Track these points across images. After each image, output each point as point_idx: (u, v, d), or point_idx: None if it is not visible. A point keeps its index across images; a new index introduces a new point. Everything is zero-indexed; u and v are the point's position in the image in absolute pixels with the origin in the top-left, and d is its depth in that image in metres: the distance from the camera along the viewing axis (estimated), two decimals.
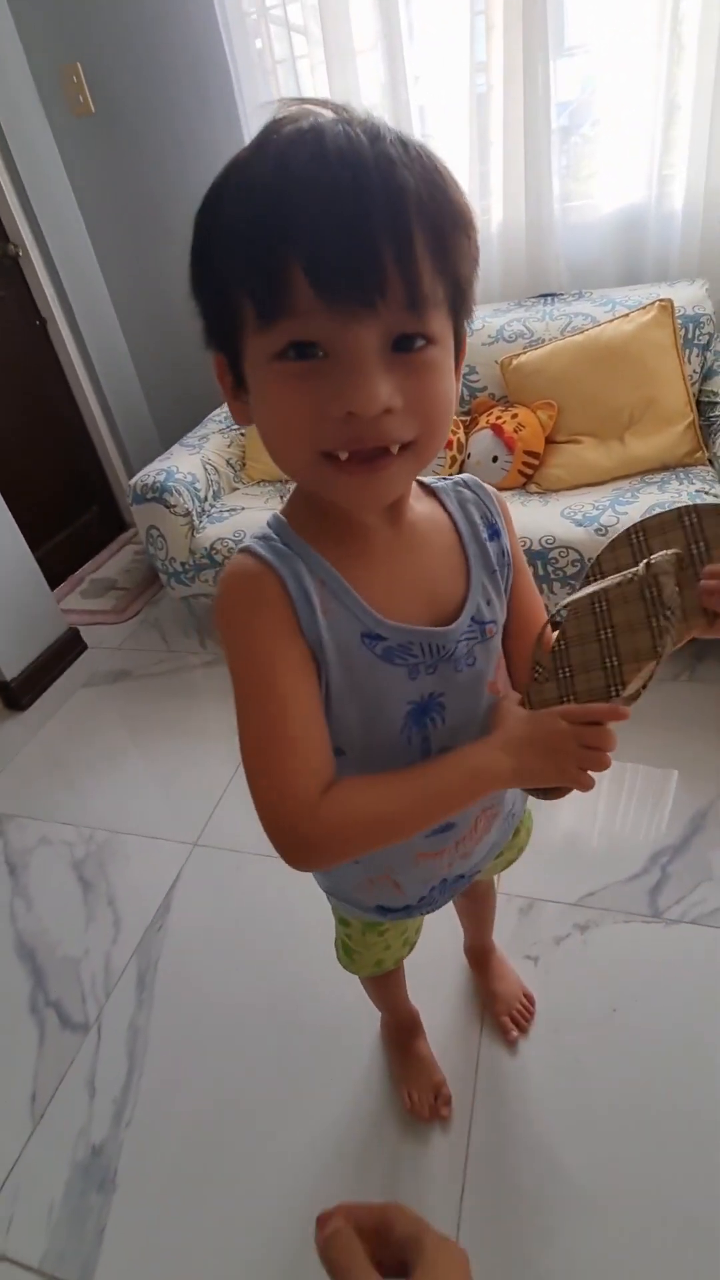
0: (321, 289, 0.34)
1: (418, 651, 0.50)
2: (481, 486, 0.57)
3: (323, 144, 0.34)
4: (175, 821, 1.44)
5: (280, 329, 0.37)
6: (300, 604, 0.46)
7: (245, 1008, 1.10)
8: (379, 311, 0.36)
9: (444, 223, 0.37)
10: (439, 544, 0.53)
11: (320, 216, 0.34)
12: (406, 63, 1.83)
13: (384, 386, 0.37)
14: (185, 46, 1.97)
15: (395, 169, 0.35)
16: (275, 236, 0.34)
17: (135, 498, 1.77)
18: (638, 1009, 1.01)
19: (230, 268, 0.38)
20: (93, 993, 1.15)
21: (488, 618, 0.54)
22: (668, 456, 1.66)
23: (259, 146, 0.36)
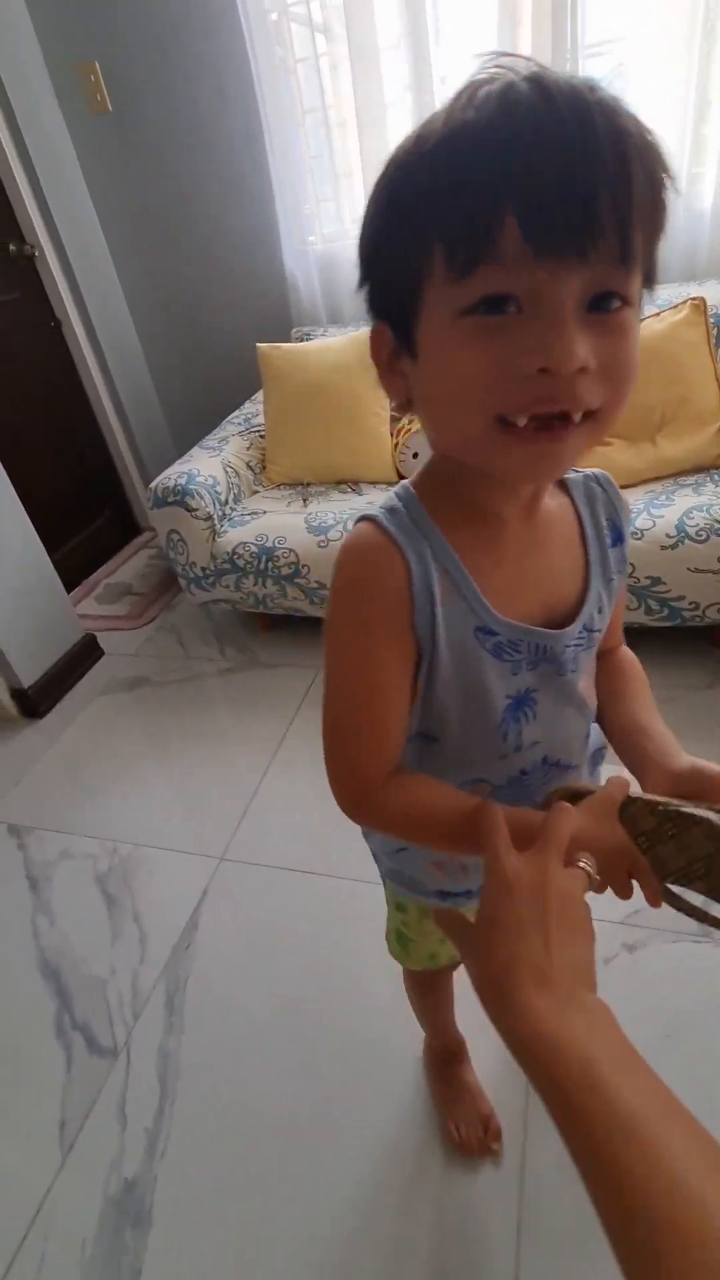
0: (535, 234, 0.33)
1: (524, 649, 0.49)
2: (612, 484, 0.54)
3: (545, 87, 0.32)
4: (200, 835, 1.40)
5: (479, 278, 0.34)
6: (420, 595, 0.45)
7: (278, 1031, 1.06)
8: (590, 261, 0.34)
9: (659, 174, 0.35)
10: (564, 542, 0.51)
11: (545, 157, 0.32)
12: (432, 62, 1.80)
13: (581, 343, 0.35)
14: (205, 45, 1.95)
15: (617, 114, 0.33)
16: (492, 177, 0.32)
17: (156, 501, 1.73)
18: (692, 1033, 0.97)
19: (428, 214, 0.35)
20: (120, 1015, 1.10)
21: (597, 625, 0.52)
22: (701, 458, 1.62)
23: (469, 96, 0.34)
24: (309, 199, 2.10)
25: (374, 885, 1.21)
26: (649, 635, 1.62)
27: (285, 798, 1.45)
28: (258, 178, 2.08)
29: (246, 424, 2.07)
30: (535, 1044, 0.35)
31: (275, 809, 1.43)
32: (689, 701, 1.51)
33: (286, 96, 1.95)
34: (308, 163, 2.05)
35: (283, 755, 1.55)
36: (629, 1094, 0.33)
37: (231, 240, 2.24)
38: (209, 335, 2.45)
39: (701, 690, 1.53)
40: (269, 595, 1.74)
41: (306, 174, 2.06)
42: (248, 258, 2.25)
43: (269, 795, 1.46)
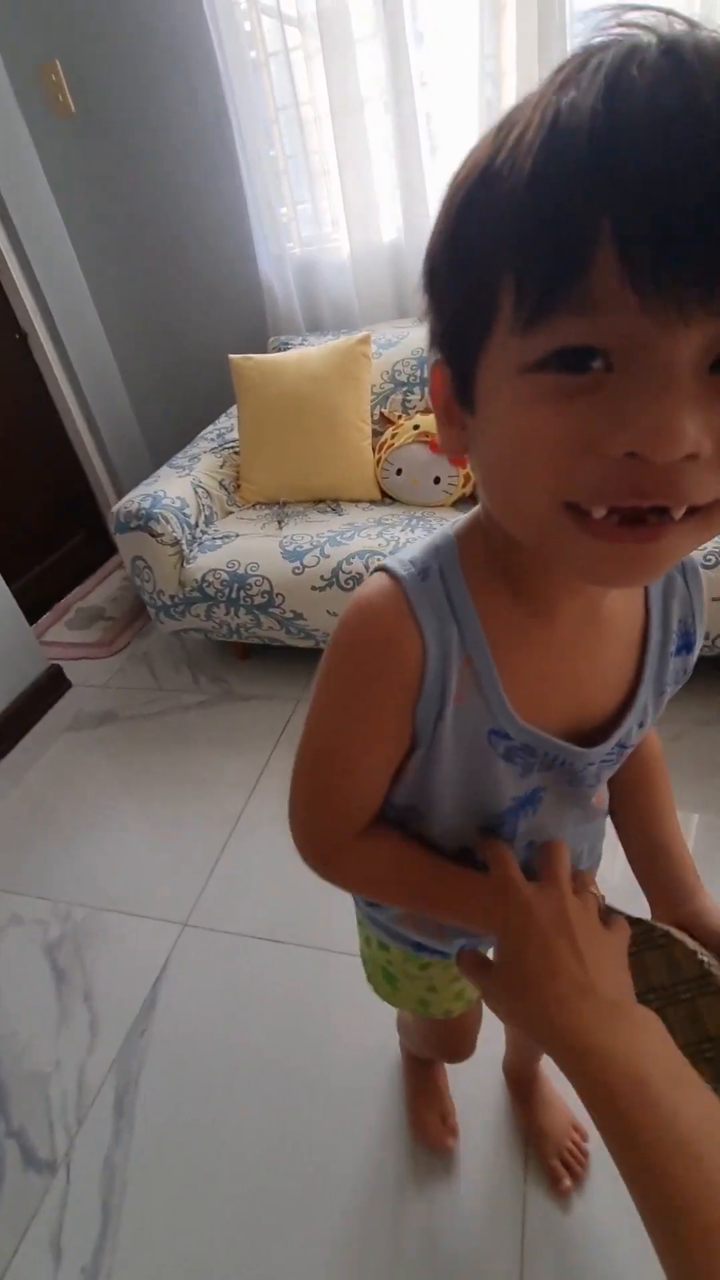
0: (642, 271, 0.22)
1: (539, 755, 0.43)
2: (697, 577, 0.43)
3: (681, 59, 0.22)
4: (163, 896, 1.27)
5: (556, 327, 0.25)
6: (431, 687, 0.39)
7: (241, 1140, 0.93)
8: (714, 310, 0.23)
9: None
10: (620, 644, 0.42)
11: (663, 161, 0.21)
12: (410, 52, 1.69)
13: (694, 421, 0.24)
14: (170, 40, 1.83)
15: None
16: (582, 185, 0.22)
17: (119, 526, 1.61)
18: None
19: (495, 233, 0.26)
20: (63, 1119, 0.97)
21: (633, 740, 0.45)
22: None
23: (574, 69, 0.24)
24: (285, 201, 1.98)
25: (351, 957, 1.09)
26: None
27: (256, 854, 1.32)
28: (230, 180, 1.97)
29: (220, 440, 1.95)
30: (587, 1056, 0.34)
31: (246, 866, 1.30)
32: (697, 737, 1.39)
33: (257, 93, 1.84)
34: (282, 163, 1.93)
35: (254, 804, 1.42)
36: (684, 1108, 0.32)
37: (205, 246, 2.13)
38: (186, 345, 2.33)
39: (713, 725, 1.41)
40: (243, 625, 1.62)
41: (281, 175, 1.95)
42: (223, 264, 2.14)
43: (239, 851, 1.33)
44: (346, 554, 1.50)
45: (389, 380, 1.83)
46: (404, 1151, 0.89)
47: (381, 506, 1.74)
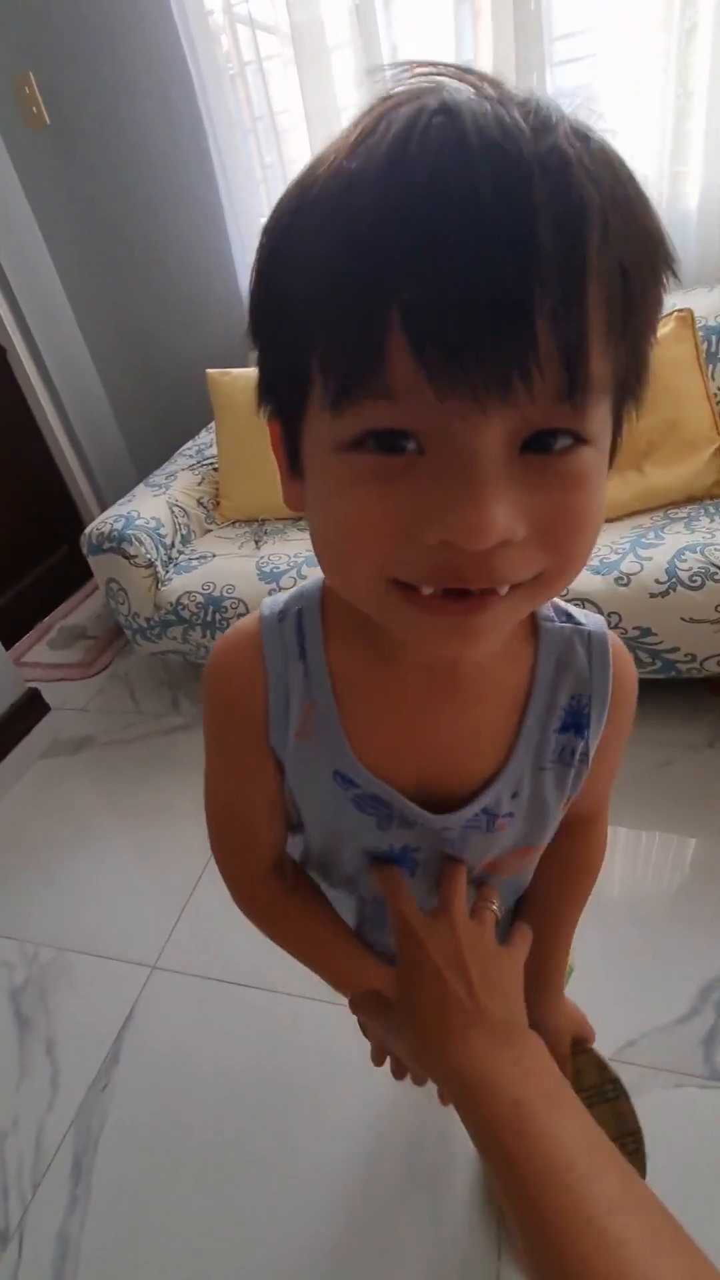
0: (432, 366, 0.22)
1: (395, 810, 0.42)
2: (603, 655, 0.41)
3: (461, 132, 0.21)
4: (132, 936, 1.22)
5: (362, 410, 0.24)
6: (275, 720, 0.41)
7: (203, 1212, 0.88)
8: (518, 400, 0.23)
9: (637, 268, 0.23)
10: (492, 703, 0.40)
11: (445, 253, 0.21)
12: (385, 58, 1.65)
13: (502, 509, 0.24)
14: (143, 51, 1.80)
15: (571, 181, 0.21)
16: (367, 278, 0.22)
17: (91, 548, 1.57)
18: (704, 1216, 0.78)
19: (300, 314, 0.25)
20: (17, 1184, 0.93)
21: (505, 810, 0.42)
22: (694, 487, 1.46)
23: (362, 134, 0.23)
24: (264, 210, 1.94)
25: (329, 1005, 1.04)
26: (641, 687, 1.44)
27: None
28: (208, 190, 1.93)
29: (199, 456, 1.91)
30: (471, 1091, 0.35)
31: (219, 902, 1.25)
32: (687, 762, 1.34)
33: (234, 103, 1.81)
34: (260, 173, 1.90)
35: None
36: (554, 1135, 0.33)
37: (184, 257, 2.09)
38: (167, 357, 2.30)
39: (701, 749, 1.36)
40: None
41: (259, 184, 1.91)
42: (200, 274, 2.10)
43: (213, 885, 1.28)
44: (322, 575, 1.45)
45: None
46: (387, 1224, 0.84)
47: None
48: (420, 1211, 0.84)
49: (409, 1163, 0.88)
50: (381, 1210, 0.85)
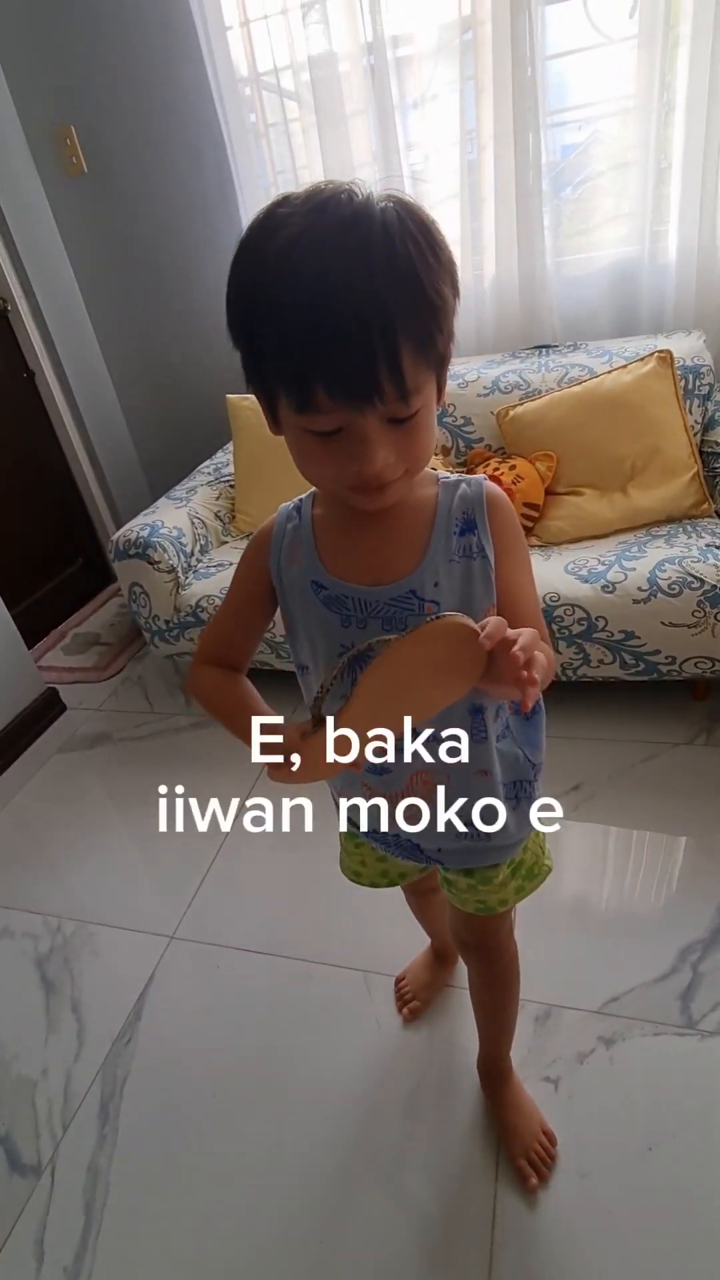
0: (335, 397, 0.46)
1: (351, 606, 0.60)
2: (479, 488, 0.61)
3: (324, 262, 0.43)
4: (151, 910, 1.30)
5: (308, 418, 0.48)
6: (275, 550, 0.63)
7: (224, 1147, 0.95)
8: (377, 406, 0.47)
9: (423, 321, 0.47)
10: (409, 526, 0.60)
11: (330, 344, 0.44)
12: (399, 128, 1.84)
13: (383, 454, 0.49)
14: (178, 109, 1.99)
15: (384, 304, 0.44)
16: (299, 354, 0.45)
17: (117, 553, 1.69)
18: (676, 1146, 0.87)
19: (269, 359, 0.48)
20: (49, 1125, 1.00)
21: (429, 596, 0.59)
22: (673, 508, 1.60)
23: (278, 258, 0.45)
24: None
25: (336, 969, 1.13)
26: (626, 689, 1.56)
27: (244, 868, 1.36)
28: (231, 236, 2.11)
29: (217, 474, 2.04)
30: None
31: (233, 880, 1.34)
32: (669, 757, 1.45)
33: (258, 159, 1.99)
34: None
35: (241, 823, 1.46)
36: None
37: (207, 293, 2.26)
38: (185, 385, 2.45)
39: (682, 746, 1.47)
40: None
41: None
42: (222, 311, 2.25)
43: (227, 865, 1.37)
44: None
45: None
46: (388, 1165, 0.92)
47: None
48: (422, 1138, 0.92)
49: (411, 1101, 0.96)
50: (385, 1138, 0.92)
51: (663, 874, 1.22)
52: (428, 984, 1.09)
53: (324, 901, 1.23)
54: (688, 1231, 0.80)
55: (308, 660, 0.65)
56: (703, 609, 1.34)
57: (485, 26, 1.67)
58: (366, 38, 1.75)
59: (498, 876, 0.73)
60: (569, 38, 1.69)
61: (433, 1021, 1.05)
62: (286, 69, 1.86)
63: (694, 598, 1.34)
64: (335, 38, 1.77)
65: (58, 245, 2.29)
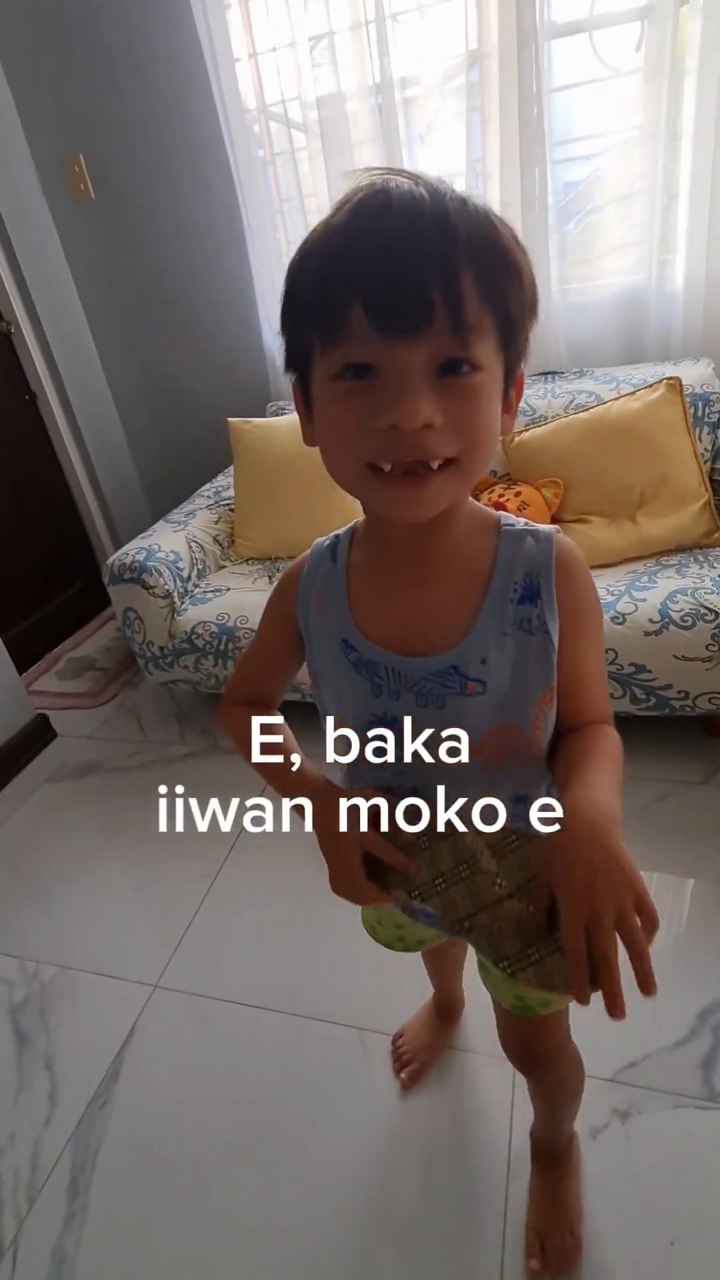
0: (374, 317, 0.39)
1: (383, 674, 0.53)
2: (549, 542, 0.52)
3: (388, 198, 0.40)
4: (135, 955, 1.23)
5: (339, 352, 0.41)
6: (302, 595, 0.57)
7: (205, 1233, 0.87)
8: (425, 337, 0.40)
9: (492, 262, 0.41)
10: (458, 583, 0.52)
11: (376, 256, 0.39)
12: (404, 158, 1.85)
13: (426, 403, 0.40)
14: (185, 138, 2.00)
15: (449, 217, 0.39)
16: (338, 276, 0.40)
17: (112, 578, 1.64)
18: (703, 1242, 0.79)
19: (305, 304, 0.43)
20: (13, 1198, 0.91)
21: (474, 675, 0.51)
22: (684, 537, 1.55)
23: (339, 206, 0.42)
24: None
25: (330, 1025, 1.05)
26: (638, 724, 1.50)
27: (233, 910, 1.29)
28: (237, 261, 2.11)
29: (217, 497, 2.01)
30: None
31: (222, 924, 1.26)
32: (683, 797, 1.38)
33: (264, 187, 1.99)
34: (284, 247, 2.07)
35: (234, 858, 1.39)
36: None
37: (211, 319, 2.25)
38: (188, 410, 2.44)
39: (697, 785, 1.40)
40: (230, 677, 1.62)
41: (284, 259, 2.08)
42: (227, 336, 2.26)
43: (216, 908, 1.30)
44: None
45: None
46: (391, 1243, 0.83)
47: None
48: (425, 1219, 0.83)
49: (409, 1179, 0.88)
50: (385, 1216, 0.84)
51: (681, 926, 1.14)
52: (429, 1044, 1.00)
53: (317, 948, 1.15)
54: None
55: (334, 710, 0.59)
56: (718, 642, 1.29)
57: (492, 59, 1.68)
58: (375, 79, 1.76)
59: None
60: (575, 71, 1.69)
61: (433, 1087, 0.97)
62: (294, 100, 1.87)
63: (708, 630, 1.29)
64: (343, 78, 1.79)
65: (64, 269, 2.29)
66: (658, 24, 1.57)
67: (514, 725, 0.53)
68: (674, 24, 1.55)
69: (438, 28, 1.69)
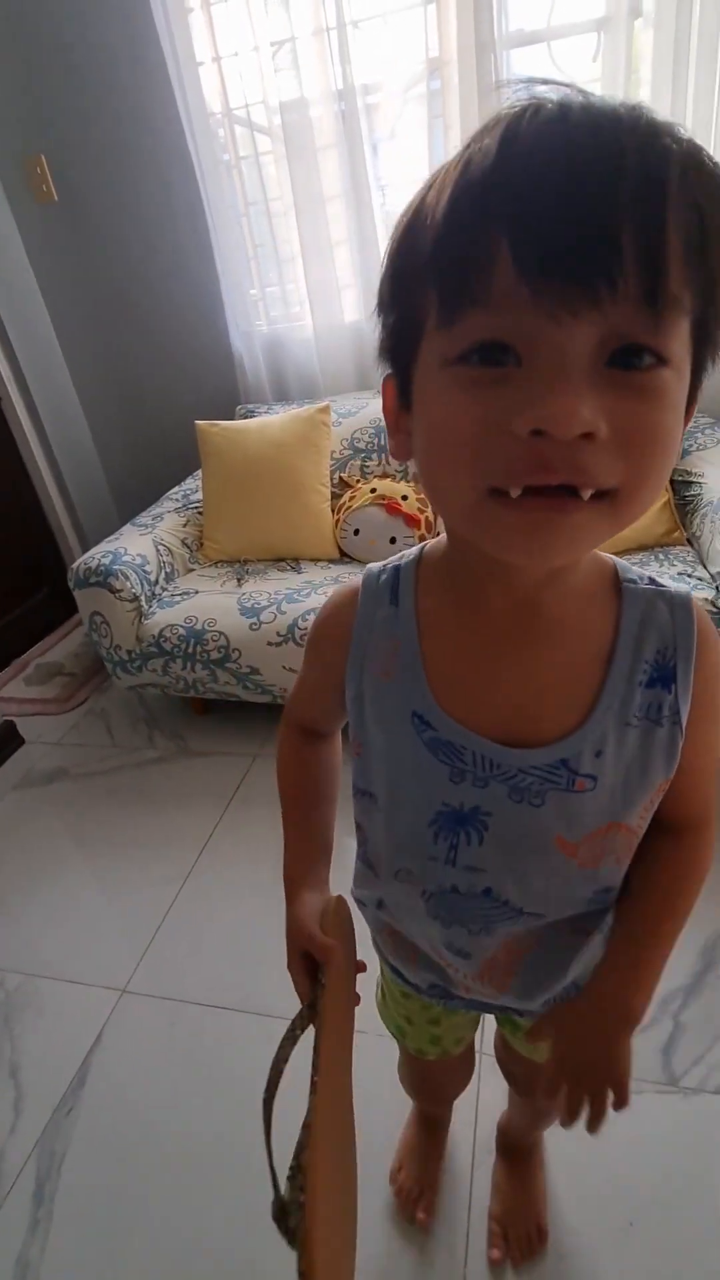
0: (530, 269, 0.27)
1: (470, 760, 0.42)
2: (687, 612, 0.41)
3: (566, 106, 0.27)
4: (103, 961, 1.22)
5: (468, 323, 0.29)
6: (354, 651, 0.45)
7: (174, 1243, 0.86)
8: (603, 307, 0.27)
9: (713, 213, 0.28)
10: (574, 659, 0.41)
11: (543, 178, 0.26)
12: (368, 161, 1.86)
13: (587, 403, 0.28)
14: (149, 140, 1.99)
15: (658, 137, 0.27)
16: (479, 205, 0.27)
17: (77, 582, 1.63)
18: (660, 1221, 0.81)
19: (420, 253, 0.31)
20: None
21: (586, 770, 0.41)
22: (646, 536, 1.59)
23: (487, 127, 0.29)
24: (255, 284, 2.12)
25: None
26: None
27: (204, 914, 1.28)
28: (203, 264, 2.10)
29: (185, 500, 2.00)
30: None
31: (192, 928, 1.26)
32: None
33: (229, 190, 2.00)
34: (251, 249, 2.08)
35: (204, 862, 1.39)
36: None
37: (178, 322, 2.25)
38: (155, 413, 2.43)
39: None
40: (199, 680, 1.62)
41: (251, 260, 2.09)
42: (194, 338, 2.25)
43: (185, 912, 1.29)
44: (302, 610, 1.53)
45: (349, 447, 1.91)
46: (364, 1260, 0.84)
47: (339, 565, 1.79)
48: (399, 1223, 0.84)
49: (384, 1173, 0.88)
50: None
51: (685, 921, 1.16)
52: (428, 1165, 0.86)
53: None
54: None
55: (380, 790, 0.48)
56: None
57: (452, 68, 1.70)
58: (337, 84, 1.78)
59: None
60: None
61: (396, 1078, 0.98)
62: (258, 104, 1.88)
63: None
64: (306, 83, 1.80)
65: (27, 271, 2.26)
66: (613, 35, 1.61)
67: (623, 824, 0.44)
68: (628, 36, 1.59)
69: (399, 35, 1.71)
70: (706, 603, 1.32)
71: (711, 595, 1.33)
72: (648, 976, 0.47)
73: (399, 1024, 0.66)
